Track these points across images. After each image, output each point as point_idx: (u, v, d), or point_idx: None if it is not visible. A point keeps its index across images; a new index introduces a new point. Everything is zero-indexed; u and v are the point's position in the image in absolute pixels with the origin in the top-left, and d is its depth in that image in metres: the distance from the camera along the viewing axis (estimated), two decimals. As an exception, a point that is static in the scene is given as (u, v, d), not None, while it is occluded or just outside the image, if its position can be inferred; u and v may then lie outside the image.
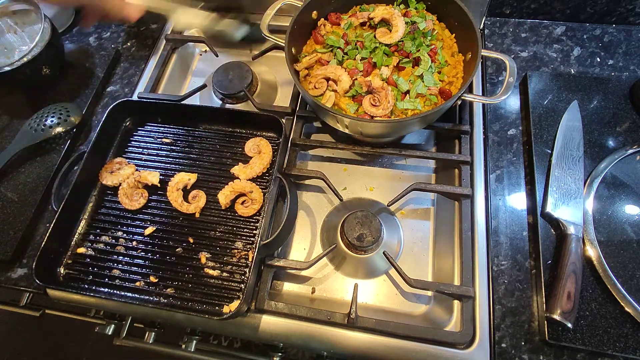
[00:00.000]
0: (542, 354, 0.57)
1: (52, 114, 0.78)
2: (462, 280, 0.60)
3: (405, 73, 0.66)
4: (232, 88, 0.81)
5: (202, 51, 0.96)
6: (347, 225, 0.64)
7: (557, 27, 0.84)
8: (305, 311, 0.60)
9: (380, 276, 0.66)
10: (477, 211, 0.66)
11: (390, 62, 0.66)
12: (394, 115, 0.64)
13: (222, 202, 0.67)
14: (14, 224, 0.70)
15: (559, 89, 0.75)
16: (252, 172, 0.69)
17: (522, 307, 0.60)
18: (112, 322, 0.75)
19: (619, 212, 0.64)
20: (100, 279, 0.64)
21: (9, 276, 0.68)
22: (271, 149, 0.72)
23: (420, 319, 0.63)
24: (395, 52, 0.67)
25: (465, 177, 0.68)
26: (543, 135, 0.71)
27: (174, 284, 0.63)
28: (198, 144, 0.76)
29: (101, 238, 0.68)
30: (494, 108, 0.77)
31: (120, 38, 0.93)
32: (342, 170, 0.76)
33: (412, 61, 0.66)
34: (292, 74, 0.66)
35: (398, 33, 0.66)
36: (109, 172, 0.72)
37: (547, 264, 0.61)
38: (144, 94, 0.82)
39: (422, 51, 0.65)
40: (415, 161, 0.76)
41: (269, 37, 0.73)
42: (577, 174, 0.66)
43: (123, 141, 0.78)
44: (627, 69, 0.78)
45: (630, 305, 0.56)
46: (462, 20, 0.67)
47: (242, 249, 0.65)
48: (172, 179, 0.70)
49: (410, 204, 0.72)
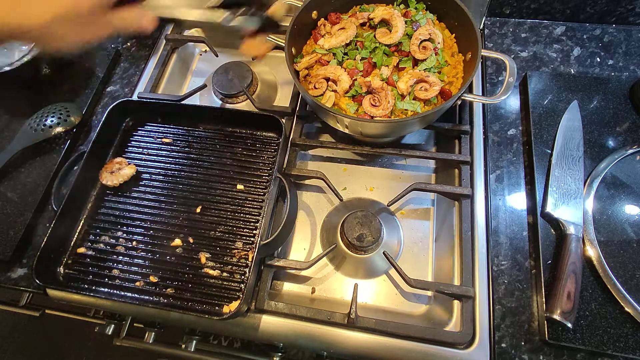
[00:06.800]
0: (542, 354, 0.57)
1: (52, 114, 0.78)
2: (462, 280, 0.60)
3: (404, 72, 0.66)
4: (232, 88, 0.81)
5: (202, 51, 0.96)
6: (347, 225, 0.64)
7: (557, 27, 0.84)
8: (305, 311, 0.60)
9: (380, 276, 0.66)
10: (477, 211, 0.66)
11: (390, 62, 0.66)
12: (394, 116, 0.64)
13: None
14: (14, 224, 0.70)
15: (559, 89, 0.75)
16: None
17: (522, 307, 0.60)
18: (112, 322, 0.75)
19: (619, 212, 0.64)
20: (100, 279, 0.64)
21: (9, 276, 0.68)
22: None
23: (420, 319, 0.63)
24: (395, 52, 0.67)
25: (465, 177, 0.68)
26: (543, 135, 0.71)
27: (174, 284, 0.63)
28: (198, 144, 0.76)
29: (101, 238, 0.68)
30: (494, 108, 0.77)
31: (120, 38, 0.93)
32: (342, 170, 0.76)
33: (411, 60, 0.66)
34: (292, 74, 0.66)
35: (398, 33, 0.66)
36: (109, 172, 0.72)
37: (547, 264, 0.61)
38: (144, 94, 0.82)
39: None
40: (415, 161, 0.76)
41: (269, 37, 0.73)
42: (577, 174, 0.66)
43: (123, 141, 0.78)
44: (627, 69, 0.78)
45: (630, 305, 0.56)
46: (462, 20, 0.67)
47: (242, 249, 0.65)
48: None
49: (410, 204, 0.72)
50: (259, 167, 0.73)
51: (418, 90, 0.64)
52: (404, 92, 0.63)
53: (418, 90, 0.64)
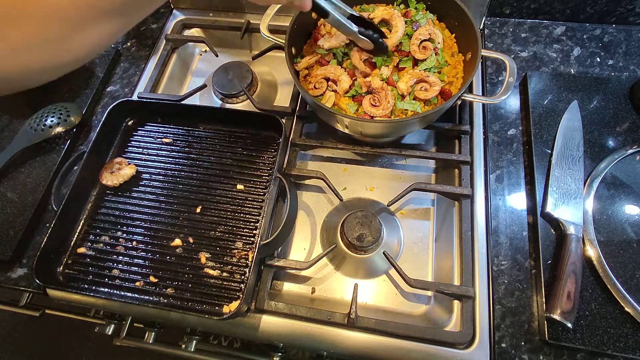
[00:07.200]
0: (542, 354, 0.57)
1: (52, 114, 0.78)
2: (462, 280, 0.60)
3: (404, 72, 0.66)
4: (232, 88, 0.81)
5: (202, 51, 0.96)
6: (347, 225, 0.64)
7: (557, 27, 0.84)
8: (305, 311, 0.60)
9: (380, 276, 0.66)
10: (477, 211, 0.66)
11: (390, 62, 0.66)
12: (394, 116, 0.64)
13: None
14: (14, 224, 0.70)
15: (559, 89, 0.75)
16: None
17: (522, 307, 0.60)
18: (112, 322, 0.75)
19: (619, 212, 0.64)
20: (100, 279, 0.64)
21: (9, 276, 0.68)
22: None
23: (420, 319, 0.63)
24: (395, 52, 0.67)
25: (465, 177, 0.68)
26: (543, 135, 0.71)
27: (174, 284, 0.63)
28: (198, 144, 0.76)
29: (101, 238, 0.68)
30: (494, 108, 0.77)
31: (120, 38, 0.93)
32: (342, 170, 0.76)
33: (411, 60, 0.66)
34: (292, 74, 0.66)
35: (398, 33, 0.66)
36: (109, 172, 0.72)
37: (547, 264, 0.61)
38: (144, 94, 0.82)
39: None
40: (415, 161, 0.76)
41: (269, 37, 0.73)
42: (577, 174, 0.66)
43: (123, 141, 0.78)
44: (627, 69, 0.78)
45: (630, 305, 0.56)
46: (462, 20, 0.67)
47: (242, 249, 0.65)
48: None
49: (410, 204, 0.72)
50: (259, 167, 0.73)
51: (418, 90, 0.64)
52: (404, 92, 0.63)
53: (418, 90, 0.64)
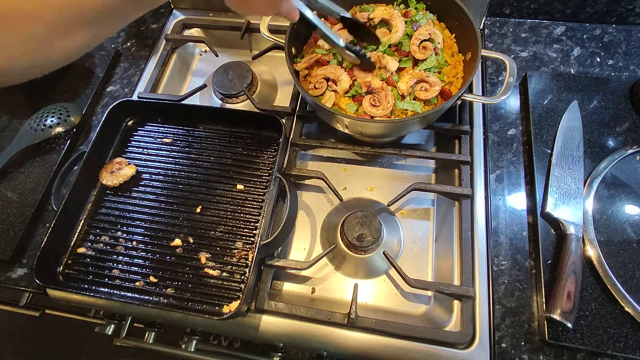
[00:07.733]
0: (542, 354, 0.57)
1: (52, 114, 0.78)
2: (462, 280, 0.60)
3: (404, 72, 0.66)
4: (232, 88, 0.81)
5: (202, 51, 0.96)
6: (347, 225, 0.64)
7: (557, 27, 0.84)
8: (305, 311, 0.60)
9: (380, 276, 0.66)
10: (477, 211, 0.66)
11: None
12: (394, 116, 0.64)
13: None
14: (14, 224, 0.70)
15: (559, 89, 0.75)
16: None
17: (522, 307, 0.60)
18: (112, 322, 0.75)
19: (619, 212, 0.64)
20: (100, 279, 0.64)
21: (9, 276, 0.68)
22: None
23: (420, 319, 0.63)
24: (395, 52, 0.67)
25: (465, 177, 0.68)
26: (543, 135, 0.71)
27: (174, 284, 0.63)
28: (198, 144, 0.76)
29: (101, 238, 0.68)
30: (494, 108, 0.77)
31: (120, 38, 0.93)
32: (342, 170, 0.76)
33: (411, 60, 0.66)
34: (292, 74, 0.66)
35: (398, 33, 0.66)
36: (109, 172, 0.72)
37: (547, 264, 0.61)
38: (144, 94, 0.82)
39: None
40: (415, 161, 0.76)
41: (269, 37, 0.73)
42: (577, 174, 0.66)
43: (123, 141, 0.78)
44: (627, 69, 0.78)
45: (630, 305, 0.56)
46: (462, 20, 0.67)
47: (242, 249, 0.65)
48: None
49: (410, 204, 0.72)
50: (259, 167, 0.73)
51: (418, 90, 0.64)
52: (404, 92, 0.63)
53: (418, 90, 0.64)
